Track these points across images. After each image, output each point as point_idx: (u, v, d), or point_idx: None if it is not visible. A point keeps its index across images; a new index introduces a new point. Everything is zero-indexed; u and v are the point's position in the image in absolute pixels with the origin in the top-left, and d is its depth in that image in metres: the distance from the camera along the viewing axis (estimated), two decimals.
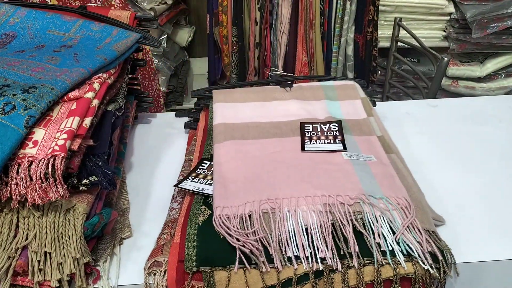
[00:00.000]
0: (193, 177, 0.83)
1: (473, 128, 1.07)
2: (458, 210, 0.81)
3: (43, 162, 0.64)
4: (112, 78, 0.84)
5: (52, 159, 0.64)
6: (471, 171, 0.92)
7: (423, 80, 1.76)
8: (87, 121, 0.72)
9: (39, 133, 0.67)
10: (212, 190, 0.78)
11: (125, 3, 1.72)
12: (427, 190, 0.82)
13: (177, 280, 0.65)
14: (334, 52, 2.08)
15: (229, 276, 0.64)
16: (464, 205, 0.83)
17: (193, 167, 0.86)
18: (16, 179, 0.63)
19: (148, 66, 1.82)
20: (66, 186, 0.65)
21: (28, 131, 0.66)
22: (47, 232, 0.65)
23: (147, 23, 1.06)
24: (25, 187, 0.63)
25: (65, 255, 0.64)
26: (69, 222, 0.66)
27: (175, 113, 1.14)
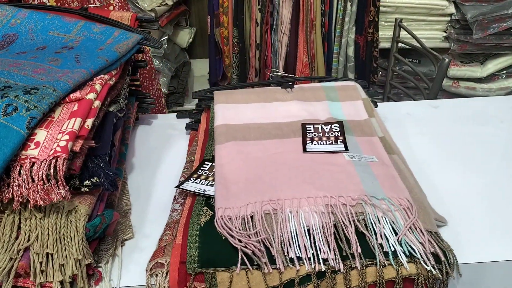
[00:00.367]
0: (194, 178, 0.83)
1: (474, 128, 1.06)
2: (460, 210, 0.81)
3: (45, 163, 0.64)
4: (113, 79, 0.84)
5: (54, 161, 0.64)
6: (472, 172, 0.92)
7: (424, 80, 1.76)
8: (89, 122, 0.72)
9: (41, 135, 0.67)
10: (213, 191, 0.78)
11: (125, 2, 1.71)
12: (428, 190, 0.82)
13: (179, 281, 0.65)
14: (335, 53, 2.08)
15: (231, 277, 0.64)
16: (466, 205, 0.83)
17: (195, 168, 0.86)
18: (18, 180, 0.63)
19: (148, 65, 1.81)
20: (68, 187, 0.65)
21: (30, 132, 0.66)
22: (49, 233, 0.65)
23: (148, 24, 1.06)
24: (27, 189, 0.63)
25: (67, 256, 0.64)
26: (71, 223, 0.66)
27: (176, 114, 1.14)
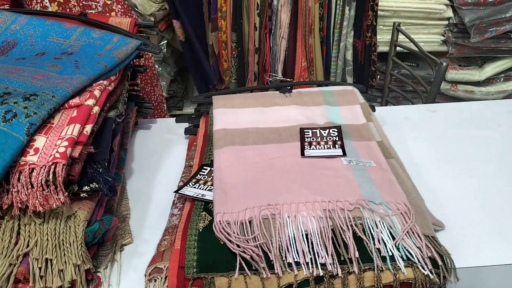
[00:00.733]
0: (193, 183, 0.83)
1: (472, 132, 1.07)
2: (457, 215, 0.82)
3: (44, 169, 0.64)
4: (112, 85, 0.85)
5: (53, 166, 0.64)
6: (470, 176, 0.92)
7: (422, 84, 1.77)
8: (88, 128, 0.72)
9: (40, 141, 0.68)
10: (212, 196, 0.78)
11: (128, 8, 1.71)
12: (426, 195, 0.82)
13: (178, 286, 0.65)
14: (333, 57, 2.08)
15: (230, 282, 0.64)
16: (463, 210, 0.83)
17: (193, 173, 0.87)
18: (17, 186, 0.64)
19: (151, 71, 1.81)
20: (67, 193, 0.65)
21: (29, 138, 0.67)
22: (48, 239, 0.65)
23: (147, 29, 1.07)
24: (26, 194, 0.63)
25: (66, 262, 0.65)
26: (70, 229, 0.66)
27: (175, 118, 1.14)
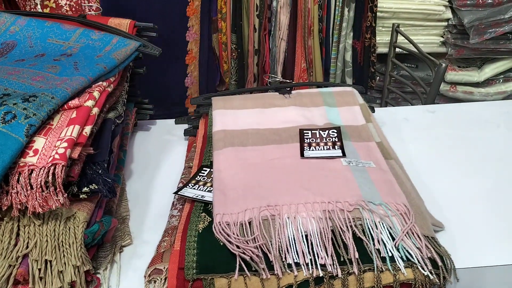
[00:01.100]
0: (193, 184, 0.83)
1: (471, 133, 1.07)
2: (457, 215, 0.82)
3: (44, 170, 0.64)
4: (112, 86, 0.85)
5: (52, 168, 0.64)
6: (469, 177, 0.92)
7: (421, 85, 1.77)
8: (87, 129, 0.72)
9: (39, 142, 0.68)
10: (212, 197, 0.78)
11: None
12: (425, 195, 0.82)
13: (178, 287, 0.65)
14: (332, 58, 2.08)
15: (230, 283, 0.64)
16: (463, 210, 0.83)
17: (193, 174, 0.87)
18: (16, 187, 0.63)
19: None
20: (66, 194, 0.65)
21: (28, 140, 0.67)
22: (47, 240, 0.65)
23: (146, 31, 1.07)
24: (25, 196, 0.63)
25: (65, 263, 0.65)
26: (69, 230, 0.66)
27: (175, 120, 1.14)
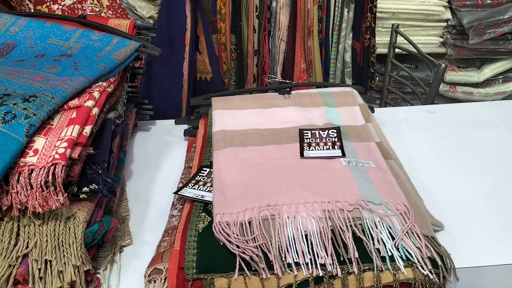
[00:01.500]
0: (192, 184, 0.83)
1: (471, 133, 1.07)
2: (456, 215, 0.82)
3: (44, 170, 0.64)
4: (112, 86, 0.85)
5: (52, 168, 0.64)
6: (469, 176, 0.93)
7: (421, 86, 1.77)
8: (87, 129, 0.72)
9: (39, 142, 0.68)
10: (211, 197, 0.78)
11: (122, 13, 1.69)
12: (425, 195, 0.82)
13: (177, 287, 0.65)
14: (332, 58, 2.08)
15: (229, 283, 0.64)
16: (462, 210, 0.83)
17: (193, 174, 0.87)
18: (16, 187, 0.64)
19: None
20: (66, 194, 0.65)
21: (28, 140, 0.67)
22: (47, 240, 0.65)
23: (146, 31, 1.07)
24: (25, 196, 0.63)
25: (65, 263, 0.65)
26: (69, 230, 0.66)
27: (175, 120, 1.15)
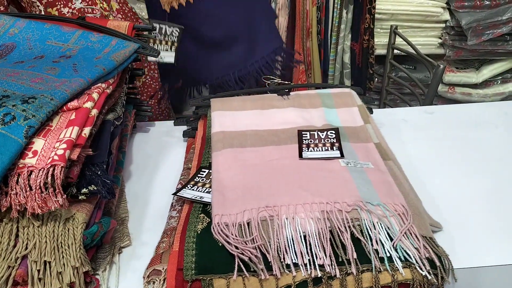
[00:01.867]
0: (191, 185, 0.83)
1: (470, 134, 1.07)
2: (455, 216, 0.82)
3: (43, 171, 0.64)
4: (110, 88, 0.85)
5: (51, 169, 0.64)
6: (467, 177, 0.93)
7: (420, 87, 1.77)
8: (86, 131, 0.72)
9: (38, 143, 0.68)
10: (210, 198, 0.78)
11: (130, 15, 1.67)
12: (424, 196, 0.83)
13: None
14: (331, 60, 2.09)
15: (228, 284, 0.64)
16: (461, 211, 0.84)
17: (192, 175, 0.87)
18: (15, 189, 0.64)
19: (157, 83, 1.79)
20: (65, 195, 0.65)
21: (27, 141, 0.67)
22: (46, 241, 0.66)
23: (145, 33, 1.07)
24: (24, 197, 0.63)
25: (64, 264, 0.65)
26: (68, 231, 0.66)
27: (174, 121, 1.15)
